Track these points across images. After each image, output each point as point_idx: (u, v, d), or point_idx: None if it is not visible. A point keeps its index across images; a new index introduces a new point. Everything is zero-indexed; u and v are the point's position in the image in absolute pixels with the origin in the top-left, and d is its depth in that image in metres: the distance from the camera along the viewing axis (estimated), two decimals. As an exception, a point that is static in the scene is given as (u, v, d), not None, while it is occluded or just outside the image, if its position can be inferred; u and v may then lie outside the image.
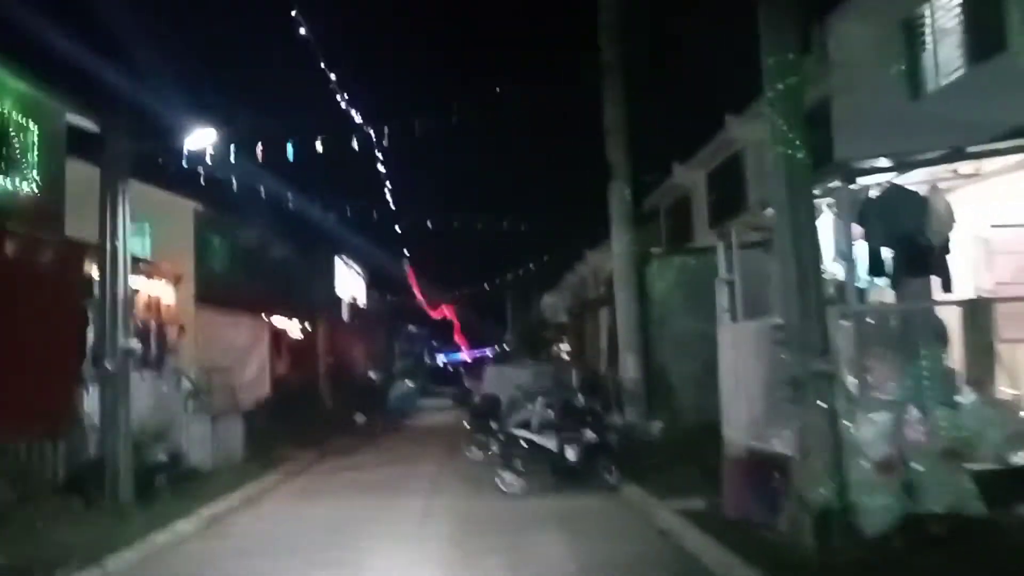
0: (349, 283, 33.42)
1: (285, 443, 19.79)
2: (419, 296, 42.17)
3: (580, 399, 12.69)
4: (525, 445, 12.15)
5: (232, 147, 14.62)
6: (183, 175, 23.25)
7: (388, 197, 21.91)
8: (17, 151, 13.19)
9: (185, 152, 12.31)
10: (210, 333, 20.59)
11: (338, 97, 15.75)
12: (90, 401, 10.96)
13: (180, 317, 16.50)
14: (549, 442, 12.09)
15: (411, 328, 58.17)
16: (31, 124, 13.40)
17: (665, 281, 14.87)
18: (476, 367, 67.28)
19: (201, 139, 11.94)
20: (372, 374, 32.39)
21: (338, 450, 19.57)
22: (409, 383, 33.39)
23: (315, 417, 22.54)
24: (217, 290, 21.65)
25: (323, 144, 14.51)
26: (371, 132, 15.90)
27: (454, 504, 11.59)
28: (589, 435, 12.08)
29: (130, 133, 10.67)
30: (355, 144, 15.10)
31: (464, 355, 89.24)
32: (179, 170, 24.57)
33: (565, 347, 31.78)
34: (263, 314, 22.10)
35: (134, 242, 20.52)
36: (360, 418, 24.13)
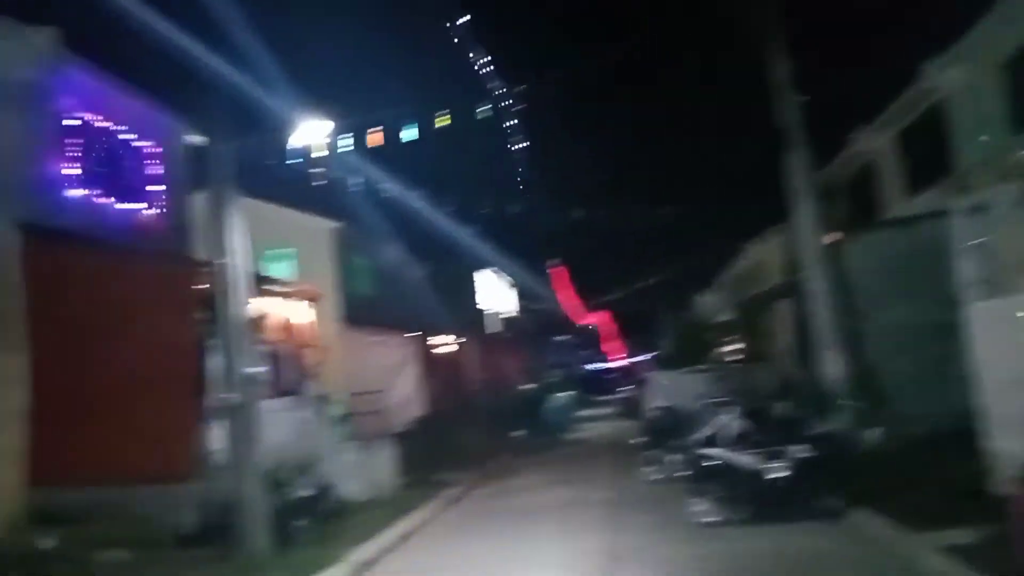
0: (495, 295, 32.31)
1: (441, 465, 18.54)
2: (569, 300, 40.18)
3: (779, 407, 10.51)
4: (718, 466, 10.12)
5: (362, 152, 13.45)
6: (321, 196, 22.96)
7: (530, 190, 20.33)
8: (137, 172, 12.66)
9: (300, 149, 11.12)
10: (357, 355, 19.82)
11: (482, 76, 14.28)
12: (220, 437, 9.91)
13: (320, 339, 15.52)
14: (749, 461, 10.00)
15: (559, 338, 56.64)
16: (148, 141, 12.85)
17: (868, 263, 12.42)
18: (632, 375, 65.16)
19: (314, 132, 10.67)
20: (525, 387, 30.98)
21: (498, 470, 18.13)
22: (564, 395, 31.70)
23: (471, 435, 21.25)
24: (361, 310, 20.90)
25: (462, 135, 13.01)
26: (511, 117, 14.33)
27: (644, 544, 9.67)
28: (799, 449, 9.90)
29: (232, 131, 9.56)
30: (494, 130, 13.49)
31: (615, 363, 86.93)
32: (317, 191, 24.32)
33: (733, 348, 29.16)
34: (410, 332, 21.12)
35: (279, 267, 20.33)
36: (517, 434, 22.68)
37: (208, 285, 9.48)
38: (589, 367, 73.12)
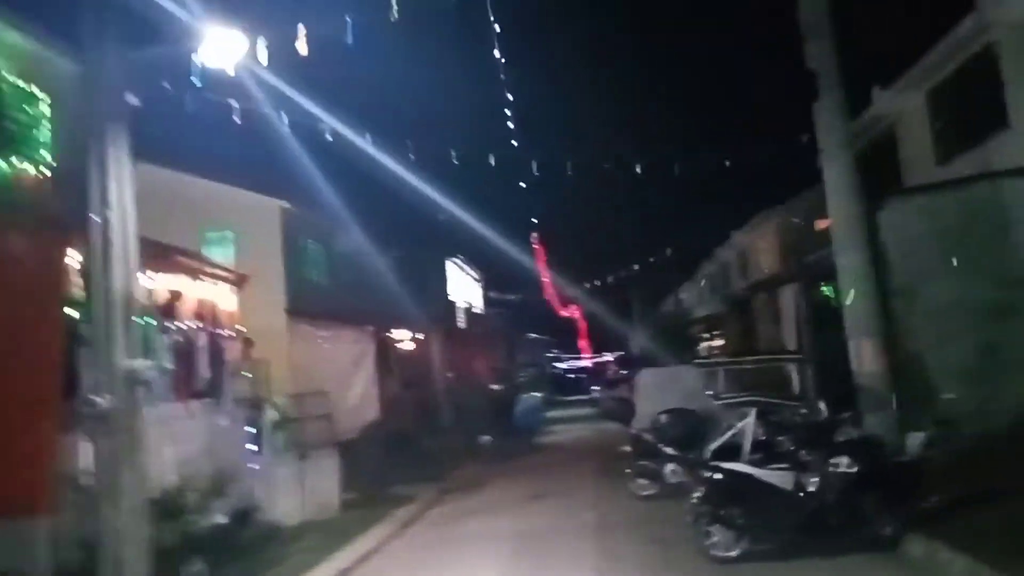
0: (464, 287, 29.92)
1: (397, 478, 16.25)
2: (547, 286, 37.36)
3: (808, 409, 8.32)
4: (739, 483, 7.92)
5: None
6: (269, 172, 20.47)
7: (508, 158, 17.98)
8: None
9: (215, 73, 8.73)
10: (304, 350, 17.39)
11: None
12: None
13: (248, 329, 13.15)
14: (779, 477, 7.82)
15: (531, 335, 54.20)
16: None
17: (909, 233, 10.34)
18: (601, 374, 63.16)
19: (232, 48, 8.25)
20: (494, 387, 28.72)
21: (462, 484, 15.82)
22: (536, 395, 29.48)
23: (433, 442, 18.94)
24: (312, 301, 18.47)
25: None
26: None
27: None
28: (838, 461, 7.75)
29: (121, 38, 7.11)
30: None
31: (587, 362, 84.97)
32: (264, 166, 21.81)
33: (717, 344, 27.19)
34: (368, 326, 18.73)
35: (216, 252, 17.87)
36: (485, 440, 20.38)
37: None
38: (560, 366, 71.13)
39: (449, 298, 26.48)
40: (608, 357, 78.48)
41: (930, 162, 13.47)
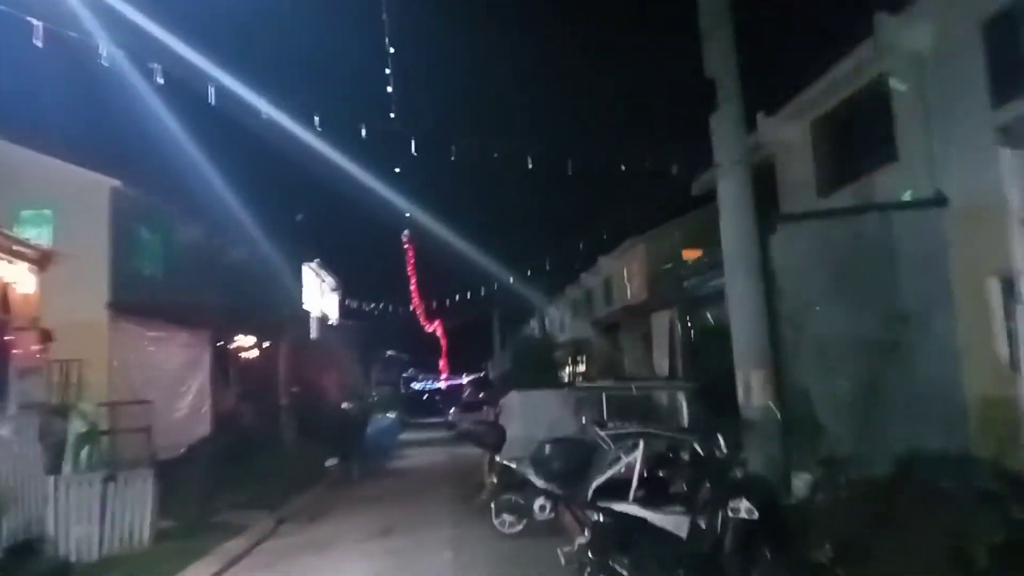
0: (319, 295, 27.95)
1: (227, 504, 14.37)
2: (413, 295, 35.26)
3: (715, 443, 7.44)
4: (630, 524, 6.91)
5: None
6: (100, 148, 18.08)
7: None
8: None
9: None
10: (129, 352, 15.27)
11: None
12: None
13: (58, 323, 11.08)
14: (676, 523, 6.87)
15: (389, 352, 52.25)
16: None
17: (798, 258, 9.81)
18: (454, 396, 61.95)
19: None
20: (346, 405, 26.91)
21: (303, 513, 14.12)
22: (389, 415, 27.92)
23: (272, 463, 17.07)
24: (142, 296, 16.32)
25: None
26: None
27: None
28: (743, 507, 6.88)
29: None
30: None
31: (441, 383, 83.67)
32: (95, 141, 19.34)
33: (580, 370, 26.64)
34: (206, 329, 16.68)
35: (32, 233, 15.37)
36: (332, 462, 18.65)
37: None
38: (416, 386, 69.45)
39: (302, 306, 24.52)
40: (463, 379, 77.62)
41: (811, 193, 13.25)
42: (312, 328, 25.97)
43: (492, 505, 10.67)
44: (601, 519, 6.82)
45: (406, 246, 23.43)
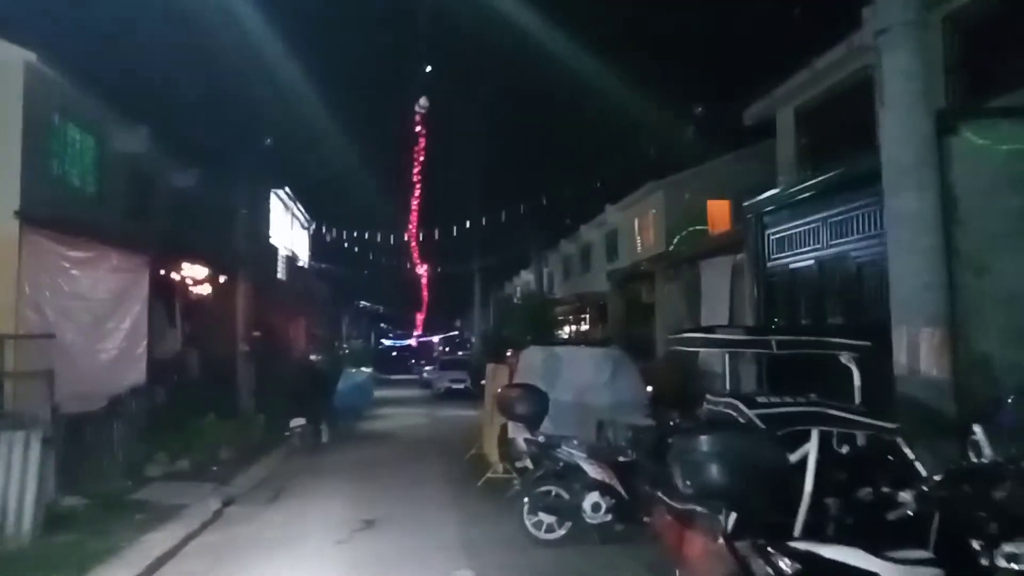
0: (288, 230, 24.48)
1: (160, 474, 11.29)
2: (412, 218, 30.69)
3: (976, 440, 4.45)
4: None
5: None
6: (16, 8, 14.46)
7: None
8: None
9: None
10: (43, 274, 11.95)
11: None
12: None
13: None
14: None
15: (362, 303, 48.76)
16: None
17: (989, 173, 6.84)
18: (426, 354, 58.91)
19: None
20: (315, 357, 23.73)
21: (256, 490, 10.99)
22: (363, 371, 24.79)
23: (223, 422, 13.92)
24: (64, 207, 12.95)
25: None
26: None
27: None
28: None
29: None
30: None
31: (412, 340, 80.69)
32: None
33: (583, 328, 23.70)
34: (143, 254, 13.30)
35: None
36: (297, 424, 15.54)
37: None
38: (386, 342, 66.37)
39: (268, 240, 21.13)
40: (434, 337, 74.61)
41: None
42: (279, 267, 22.65)
43: (524, 500, 7.64)
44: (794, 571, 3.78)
45: (418, 129, 19.49)
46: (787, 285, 10.08)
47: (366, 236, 27.28)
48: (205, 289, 16.09)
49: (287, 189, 21.84)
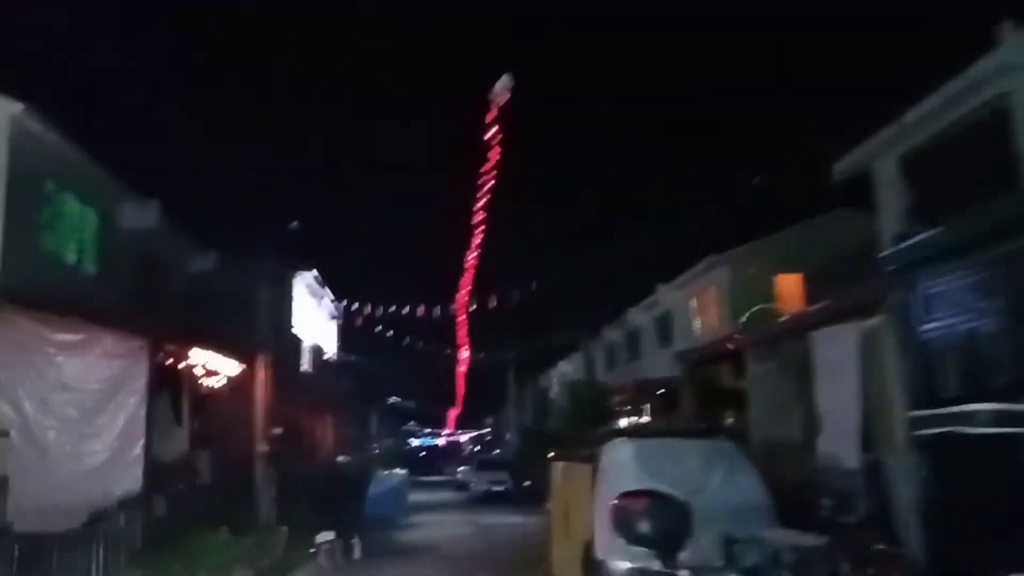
0: (315, 319, 22.49)
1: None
2: (467, 271, 27.82)
3: None
4: None
5: None
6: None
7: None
8: None
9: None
10: (24, 362, 9.98)
11: None
12: None
13: None
14: None
15: (393, 399, 46.23)
16: None
17: None
18: (456, 455, 56.07)
19: None
20: (341, 459, 21.35)
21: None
22: (397, 472, 22.30)
23: (241, 536, 11.51)
24: (52, 284, 11.08)
25: None
26: None
27: None
28: None
29: None
30: None
31: (440, 439, 77.57)
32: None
33: (644, 420, 21.19)
34: (144, 337, 11.24)
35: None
36: (324, 537, 13.13)
37: None
38: (413, 441, 63.69)
39: (291, 330, 19.07)
40: (462, 437, 71.52)
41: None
42: (303, 359, 20.58)
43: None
44: None
45: (491, 118, 16.64)
46: (957, 352, 7.78)
47: (401, 314, 25.04)
48: (219, 381, 13.96)
49: (316, 274, 19.98)
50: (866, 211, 20.60)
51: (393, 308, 23.45)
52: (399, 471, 22.63)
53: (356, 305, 24.76)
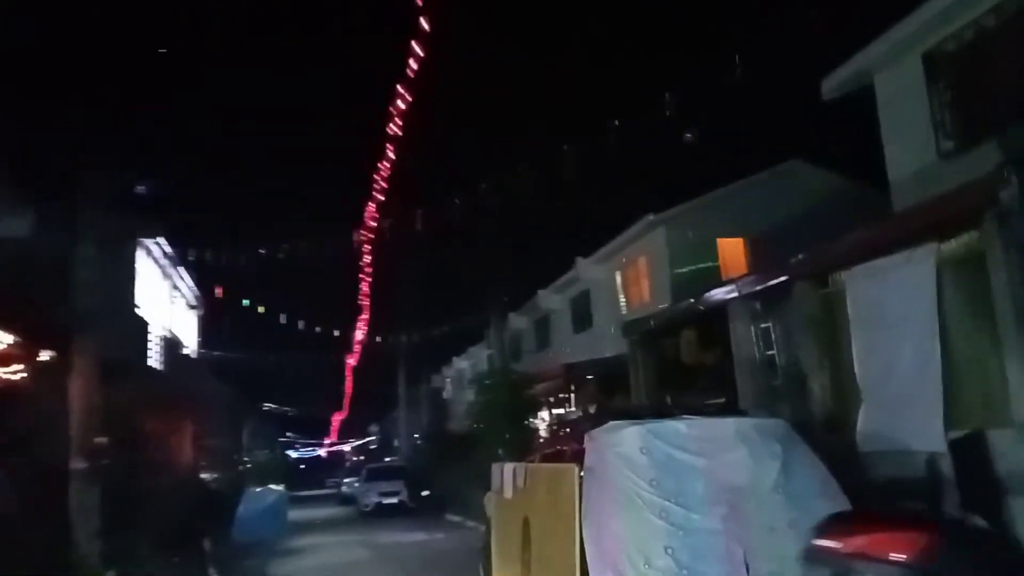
0: (167, 303, 18.28)
1: None
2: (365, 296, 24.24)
3: None
4: None
5: None
6: None
7: None
8: None
9: None
10: None
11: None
12: None
13: None
14: None
15: (267, 405, 41.51)
16: None
17: None
18: (339, 464, 52.32)
19: None
20: (205, 476, 17.39)
21: None
22: (274, 488, 18.50)
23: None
24: None
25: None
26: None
27: None
28: None
29: None
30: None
31: (322, 450, 73.19)
32: None
33: (569, 409, 18.34)
34: None
35: None
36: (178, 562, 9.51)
37: None
38: (293, 453, 59.45)
39: (133, 310, 14.93)
40: (346, 446, 67.43)
41: None
42: (153, 351, 16.52)
43: None
44: None
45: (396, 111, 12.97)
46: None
47: (280, 306, 21.44)
48: (14, 372, 10.02)
49: (165, 245, 15.89)
50: (821, 166, 18.63)
51: (269, 297, 19.80)
52: (276, 487, 18.88)
53: (222, 291, 20.78)
